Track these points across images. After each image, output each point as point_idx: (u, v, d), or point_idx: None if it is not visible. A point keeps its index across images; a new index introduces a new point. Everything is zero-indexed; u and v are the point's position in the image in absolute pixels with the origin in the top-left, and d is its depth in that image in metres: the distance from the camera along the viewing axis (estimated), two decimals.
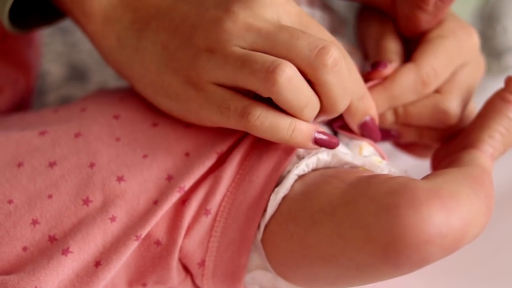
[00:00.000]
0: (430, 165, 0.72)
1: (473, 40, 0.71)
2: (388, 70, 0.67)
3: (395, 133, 0.71)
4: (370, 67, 0.69)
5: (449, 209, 0.51)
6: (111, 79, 0.97)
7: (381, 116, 0.68)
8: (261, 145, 0.63)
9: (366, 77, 0.68)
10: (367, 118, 0.65)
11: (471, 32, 0.71)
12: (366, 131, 0.66)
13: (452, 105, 0.68)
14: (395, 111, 0.69)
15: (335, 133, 0.68)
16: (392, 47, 0.71)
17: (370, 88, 0.66)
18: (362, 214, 0.53)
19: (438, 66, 0.67)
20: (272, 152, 0.62)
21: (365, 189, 0.55)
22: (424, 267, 0.52)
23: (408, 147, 0.77)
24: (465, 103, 0.70)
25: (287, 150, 0.62)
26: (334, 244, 0.54)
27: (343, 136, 0.68)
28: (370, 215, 0.52)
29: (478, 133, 0.64)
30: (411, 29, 0.71)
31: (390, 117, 0.69)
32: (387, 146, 0.73)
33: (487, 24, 1.04)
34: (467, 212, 0.52)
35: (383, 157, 0.67)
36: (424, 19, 0.69)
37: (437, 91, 0.69)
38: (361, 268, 0.54)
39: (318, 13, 0.75)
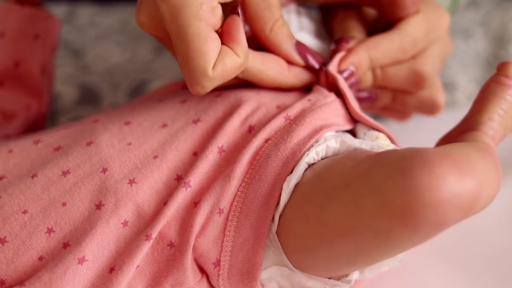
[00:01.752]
0: None
1: (445, 19, 0.76)
2: (350, 44, 0.72)
3: (373, 94, 0.75)
4: (333, 44, 0.72)
5: (462, 170, 0.51)
6: (123, 101, 0.98)
7: (361, 77, 0.73)
8: (270, 147, 0.63)
9: (332, 54, 0.72)
10: (352, 68, 0.70)
11: (443, 12, 0.76)
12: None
13: (426, 68, 0.74)
14: (374, 73, 0.73)
15: (355, 122, 0.69)
16: (355, 25, 0.75)
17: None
18: (376, 181, 0.53)
19: (417, 37, 0.73)
20: (281, 153, 0.62)
21: (376, 160, 0.56)
22: (442, 231, 0.52)
23: (382, 111, 0.81)
24: (436, 72, 0.76)
25: (295, 150, 0.63)
26: (351, 215, 0.54)
27: (361, 126, 0.69)
28: (384, 181, 0.52)
29: (478, 116, 0.64)
30: (398, 13, 0.72)
31: (369, 79, 0.73)
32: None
33: (499, 46, 1.05)
34: (479, 173, 0.52)
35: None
36: (409, 0, 0.71)
37: (412, 57, 0.74)
38: (380, 236, 0.53)
39: (305, 21, 0.77)
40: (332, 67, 0.69)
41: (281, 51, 0.68)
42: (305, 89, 0.71)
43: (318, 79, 0.70)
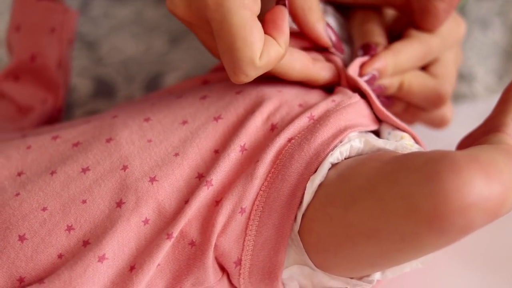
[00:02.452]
0: None
1: (461, 28, 0.76)
2: (378, 51, 0.72)
3: (390, 101, 0.75)
4: (360, 50, 0.72)
5: (489, 174, 0.51)
6: (138, 94, 0.98)
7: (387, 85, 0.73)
8: (294, 146, 0.63)
9: (363, 66, 0.71)
10: (375, 72, 0.70)
11: (460, 21, 0.76)
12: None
13: (449, 90, 0.74)
14: (401, 84, 0.73)
15: (380, 121, 0.69)
16: (377, 30, 0.74)
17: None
18: (403, 185, 0.53)
19: (434, 45, 0.73)
20: (305, 152, 0.62)
21: (403, 162, 0.55)
22: (468, 234, 0.52)
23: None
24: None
25: (319, 150, 0.62)
26: (377, 218, 0.54)
27: (385, 126, 0.68)
28: (412, 184, 0.52)
29: (501, 117, 0.64)
30: (430, 21, 0.72)
31: (394, 88, 0.73)
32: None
33: None
34: (506, 177, 0.51)
35: (424, 149, 0.67)
36: (442, 8, 0.70)
37: (433, 74, 0.74)
38: (406, 239, 0.53)
39: (330, 20, 0.76)
40: (352, 71, 0.69)
41: (314, 30, 0.68)
42: (327, 90, 0.70)
43: (339, 79, 0.70)
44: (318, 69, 0.68)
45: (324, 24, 0.69)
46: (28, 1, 0.85)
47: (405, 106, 0.77)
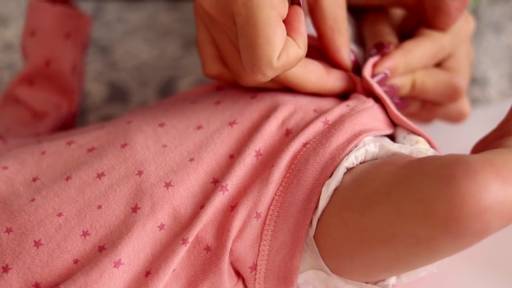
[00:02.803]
0: None
1: (470, 25, 0.76)
2: (390, 49, 0.72)
3: (405, 102, 0.75)
4: (373, 49, 0.73)
5: (505, 178, 0.50)
6: (152, 98, 0.98)
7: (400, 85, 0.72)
8: (309, 151, 0.63)
9: (374, 65, 0.71)
10: (387, 71, 0.70)
11: (469, 18, 0.76)
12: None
13: (463, 82, 0.75)
14: (413, 83, 0.72)
15: (395, 125, 0.69)
16: (387, 30, 0.75)
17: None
18: (419, 189, 0.53)
19: (444, 43, 0.73)
20: (320, 157, 0.62)
21: (418, 166, 0.55)
22: (483, 238, 0.52)
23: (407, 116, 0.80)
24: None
25: (335, 155, 0.62)
26: (393, 222, 0.54)
27: (400, 130, 0.68)
28: (428, 188, 0.52)
29: None
30: (443, 20, 0.72)
31: (407, 88, 0.72)
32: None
33: None
34: None
35: (439, 153, 0.67)
36: (455, 6, 0.70)
37: (447, 69, 0.75)
38: (422, 243, 0.53)
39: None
40: (367, 72, 0.69)
41: (339, 55, 0.69)
42: (341, 97, 0.70)
43: (355, 86, 0.70)
44: (333, 80, 0.68)
45: (349, 50, 0.69)
46: (43, 6, 0.85)
47: (421, 104, 0.77)
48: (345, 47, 0.69)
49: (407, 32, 0.76)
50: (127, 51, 1.05)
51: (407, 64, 0.71)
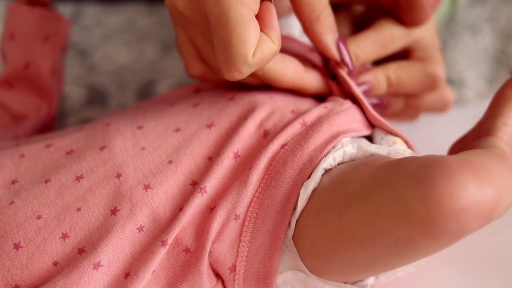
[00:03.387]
0: None
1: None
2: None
3: (384, 101, 0.76)
4: None
5: (482, 178, 0.51)
6: (130, 101, 0.98)
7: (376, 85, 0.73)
8: (287, 152, 0.63)
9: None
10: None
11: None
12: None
13: (439, 68, 0.76)
14: (388, 80, 0.73)
15: (373, 126, 0.69)
16: (342, 23, 0.78)
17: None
18: (396, 190, 0.53)
19: (394, 33, 0.74)
20: (298, 159, 0.62)
21: (396, 167, 0.55)
22: (461, 239, 0.52)
23: (391, 116, 0.82)
24: None
25: (313, 156, 0.62)
26: (371, 224, 0.54)
27: (378, 131, 0.68)
28: (405, 189, 0.52)
29: (493, 121, 0.64)
30: (416, 16, 0.73)
31: (383, 86, 0.73)
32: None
33: (507, 41, 1.05)
34: (498, 181, 0.52)
35: (416, 154, 0.67)
36: (428, 3, 0.71)
37: (418, 59, 0.76)
38: (400, 243, 0.53)
39: None
40: (343, 72, 0.69)
41: (321, 42, 0.68)
42: (319, 99, 0.71)
43: (331, 89, 0.70)
44: (310, 79, 0.69)
45: (333, 36, 0.69)
46: (22, 9, 0.85)
47: (404, 101, 0.78)
48: (325, 34, 0.68)
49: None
50: (106, 55, 1.05)
51: (358, 55, 0.72)
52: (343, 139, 0.64)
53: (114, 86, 0.99)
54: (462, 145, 0.67)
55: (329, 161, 0.62)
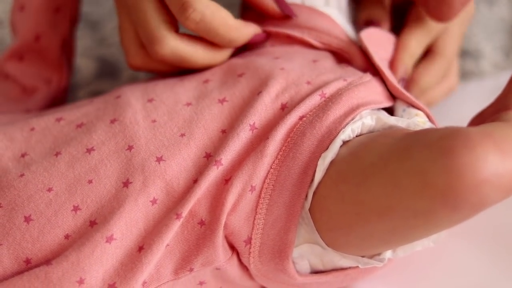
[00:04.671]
0: None
1: (470, 10, 0.79)
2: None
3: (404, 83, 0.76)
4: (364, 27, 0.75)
5: (503, 151, 0.50)
6: (142, 74, 0.97)
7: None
8: (305, 124, 0.62)
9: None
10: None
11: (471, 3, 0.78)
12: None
13: (456, 81, 0.81)
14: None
15: (394, 98, 0.69)
16: (378, 10, 0.77)
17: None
18: (416, 161, 0.52)
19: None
20: (317, 130, 0.61)
21: (416, 138, 0.55)
22: (481, 211, 0.51)
23: None
24: None
25: (331, 128, 0.62)
26: (390, 195, 0.53)
27: (400, 103, 0.68)
28: (425, 160, 0.52)
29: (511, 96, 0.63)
30: (445, 12, 0.71)
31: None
32: None
33: None
34: None
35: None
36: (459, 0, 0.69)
37: (434, 52, 0.77)
38: (419, 215, 0.53)
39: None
40: (366, 39, 0.69)
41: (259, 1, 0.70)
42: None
43: (353, 57, 0.71)
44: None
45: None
46: None
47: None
48: None
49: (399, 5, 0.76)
50: (116, 26, 1.04)
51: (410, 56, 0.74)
52: (363, 111, 0.63)
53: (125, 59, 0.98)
54: (481, 119, 0.66)
55: (347, 133, 0.61)
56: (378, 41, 0.72)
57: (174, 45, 0.66)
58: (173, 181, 0.60)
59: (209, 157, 0.61)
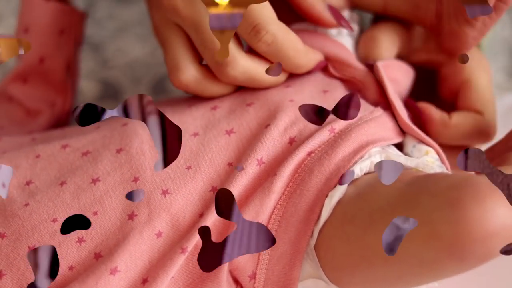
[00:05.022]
0: None
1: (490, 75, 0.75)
2: None
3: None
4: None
5: None
6: None
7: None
8: (313, 160, 0.62)
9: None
10: None
11: (487, 66, 0.75)
12: None
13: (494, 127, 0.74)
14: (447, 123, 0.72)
15: (404, 133, 0.68)
16: (386, 44, 0.74)
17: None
18: (425, 210, 0.52)
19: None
20: (325, 168, 0.61)
21: (425, 186, 0.55)
22: (487, 262, 0.51)
23: None
24: None
25: (339, 166, 0.61)
26: None
27: (410, 139, 0.67)
28: (434, 210, 0.51)
29: None
30: (457, 46, 0.71)
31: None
32: None
33: None
34: None
35: (447, 167, 0.66)
36: (472, 35, 0.69)
37: (470, 106, 0.72)
38: (425, 264, 0.53)
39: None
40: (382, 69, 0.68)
41: (313, 9, 0.68)
42: None
43: (367, 86, 0.69)
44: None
45: (323, 4, 0.69)
46: (37, 2, 0.83)
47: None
48: (316, 1, 0.69)
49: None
50: (119, 48, 1.04)
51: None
52: (372, 149, 0.63)
53: (128, 81, 0.98)
54: (492, 155, 0.65)
55: (356, 172, 0.61)
56: (395, 72, 0.72)
57: (246, 65, 0.65)
58: (179, 214, 0.60)
59: (215, 191, 0.61)
